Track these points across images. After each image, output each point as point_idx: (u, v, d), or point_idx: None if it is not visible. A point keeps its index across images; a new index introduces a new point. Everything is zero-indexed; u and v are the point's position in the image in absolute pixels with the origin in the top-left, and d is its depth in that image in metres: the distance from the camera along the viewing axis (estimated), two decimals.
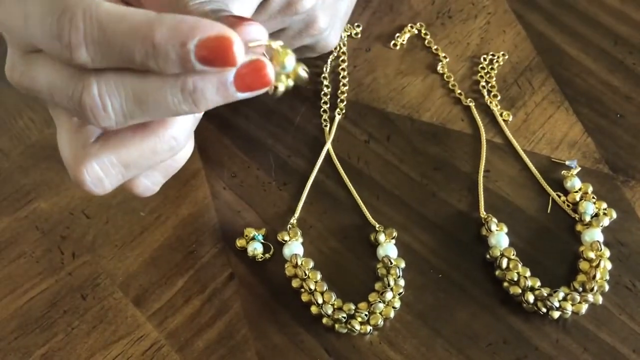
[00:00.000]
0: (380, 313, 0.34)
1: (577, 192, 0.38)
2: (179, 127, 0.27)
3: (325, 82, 0.43)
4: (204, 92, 0.23)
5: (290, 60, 0.23)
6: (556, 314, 0.34)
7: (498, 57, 0.44)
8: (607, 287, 0.35)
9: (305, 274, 0.35)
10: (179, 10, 0.24)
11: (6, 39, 0.27)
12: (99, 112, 0.24)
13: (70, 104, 0.24)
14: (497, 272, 0.35)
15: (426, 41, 0.45)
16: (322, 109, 0.42)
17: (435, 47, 0.44)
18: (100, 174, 0.26)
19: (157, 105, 0.24)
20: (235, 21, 0.23)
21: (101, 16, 0.22)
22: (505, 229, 0.37)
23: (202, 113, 0.27)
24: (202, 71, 0.22)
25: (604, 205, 0.37)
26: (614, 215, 0.37)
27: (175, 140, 0.26)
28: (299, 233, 0.37)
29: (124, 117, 0.24)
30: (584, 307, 0.34)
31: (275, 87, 0.24)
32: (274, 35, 0.35)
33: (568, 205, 0.38)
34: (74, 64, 0.23)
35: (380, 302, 0.35)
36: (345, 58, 0.44)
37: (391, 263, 0.36)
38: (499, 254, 0.35)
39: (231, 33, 0.21)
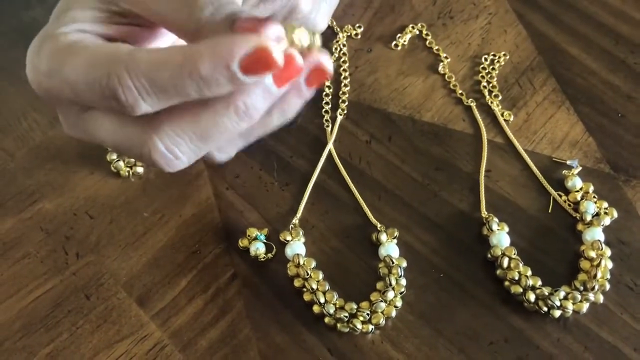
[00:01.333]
0: (382, 312, 0.34)
1: (578, 191, 0.38)
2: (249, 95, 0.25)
3: (327, 83, 0.43)
4: (255, 104, 0.24)
5: (302, 34, 0.24)
6: (557, 313, 0.34)
7: (499, 57, 0.44)
8: (608, 286, 0.35)
9: (308, 274, 0.36)
10: (194, 23, 0.24)
11: (54, 103, 0.28)
12: (171, 162, 0.26)
13: (141, 159, 0.26)
14: (498, 272, 0.36)
15: (427, 42, 0.45)
16: (324, 110, 0.42)
17: (437, 47, 0.45)
18: (176, 151, 0.26)
19: (219, 134, 0.25)
20: (255, 25, 0.23)
21: (145, 69, 0.23)
22: (507, 229, 0.37)
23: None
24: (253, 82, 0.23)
25: (605, 204, 0.37)
26: (615, 214, 0.37)
27: (247, 107, 0.25)
28: (301, 233, 0.37)
29: (195, 154, 0.26)
30: (585, 306, 0.34)
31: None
32: None
33: (569, 205, 0.38)
34: (136, 115, 0.24)
35: (382, 301, 0.35)
36: (347, 59, 0.44)
37: (393, 262, 0.36)
38: (500, 253, 0.36)
39: (264, 41, 0.22)
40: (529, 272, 0.35)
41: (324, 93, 0.43)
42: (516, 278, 0.35)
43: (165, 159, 0.25)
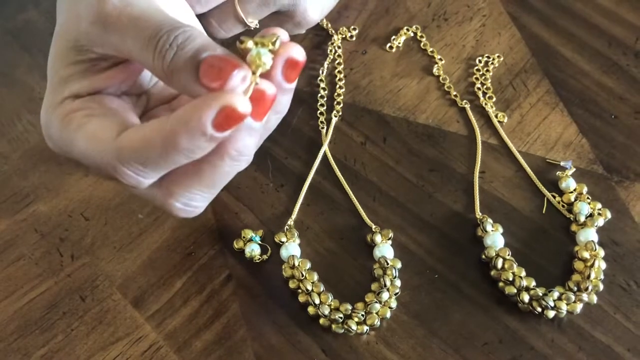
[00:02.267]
0: (377, 313, 0.35)
1: (572, 192, 0.38)
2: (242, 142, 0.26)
3: (322, 85, 0.43)
4: (245, 145, 0.26)
5: (264, 56, 0.24)
6: (551, 314, 0.34)
7: (493, 59, 0.44)
8: (601, 287, 0.35)
9: (303, 275, 0.36)
10: (159, 67, 0.25)
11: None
12: (191, 212, 0.29)
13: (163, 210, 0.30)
14: (492, 272, 0.36)
15: (422, 43, 0.45)
16: (319, 111, 0.42)
17: (431, 49, 0.45)
18: (192, 204, 0.29)
19: (225, 180, 0.27)
20: (219, 68, 0.24)
21: (134, 156, 0.25)
22: (501, 230, 0.37)
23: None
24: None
25: (599, 205, 0.38)
26: (609, 215, 0.37)
27: (239, 151, 0.26)
28: (296, 234, 0.37)
29: (208, 199, 0.29)
30: (578, 307, 0.34)
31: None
32: None
33: (563, 206, 0.38)
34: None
35: (376, 302, 0.35)
36: (342, 61, 0.45)
37: (387, 263, 0.36)
38: (494, 254, 0.36)
39: (228, 99, 0.23)
40: (523, 273, 0.35)
41: (319, 95, 0.43)
42: (510, 279, 0.35)
43: (185, 213, 0.29)
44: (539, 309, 0.34)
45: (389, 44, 0.45)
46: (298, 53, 0.25)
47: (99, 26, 0.27)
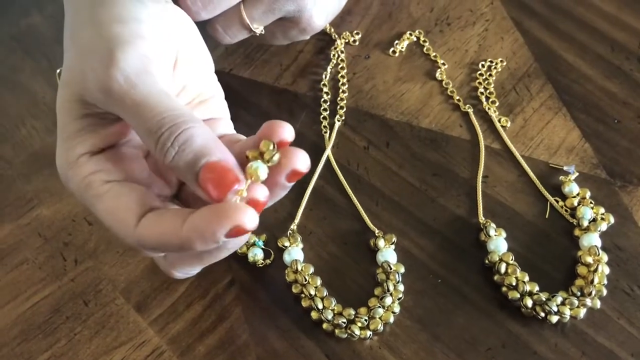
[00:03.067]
0: (380, 318, 0.35)
1: (575, 197, 0.38)
2: None
3: (325, 89, 0.44)
4: (242, 240, 0.29)
5: (260, 170, 0.26)
6: (554, 319, 0.34)
7: (496, 64, 0.44)
8: (605, 292, 0.35)
9: (306, 280, 0.36)
10: (160, 161, 0.27)
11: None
12: (187, 276, 0.33)
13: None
14: (495, 277, 0.36)
15: (425, 48, 0.45)
16: (322, 116, 0.43)
17: (434, 54, 0.45)
18: (190, 273, 0.33)
19: (220, 259, 0.31)
20: (217, 181, 0.25)
21: (155, 246, 0.27)
22: (504, 234, 0.37)
23: None
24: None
25: (602, 210, 0.37)
26: (612, 220, 0.37)
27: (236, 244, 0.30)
28: (299, 239, 0.37)
29: (202, 267, 0.33)
30: (582, 312, 0.34)
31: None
32: None
33: (566, 210, 0.38)
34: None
35: (379, 307, 0.35)
36: (345, 65, 0.45)
37: (390, 268, 0.36)
38: (497, 258, 0.36)
39: (241, 219, 0.25)
40: (527, 278, 0.35)
41: (322, 99, 0.43)
42: (513, 284, 0.35)
43: (182, 277, 0.33)
44: (542, 314, 0.34)
45: (391, 49, 0.45)
46: (302, 164, 0.27)
47: (105, 96, 0.27)
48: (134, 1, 0.30)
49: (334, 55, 0.45)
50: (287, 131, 0.27)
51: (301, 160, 0.27)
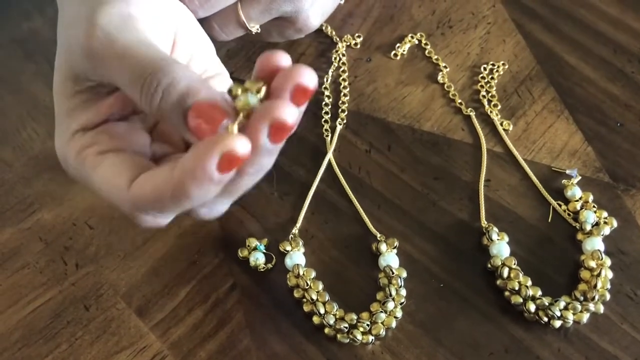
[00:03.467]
0: (382, 323, 0.34)
1: (577, 201, 0.38)
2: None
3: (327, 93, 0.43)
4: (262, 163, 0.26)
5: (252, 99, 0.24)
6: (557, 323, 0.34)
7: (498, 67, 0.44)
8: (608, 296, 0.35)
9: (307, 284, 0.36)
10: (146, 107, 0.26)
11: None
12: (214, 216, 0.30)
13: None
14: (498, 282, 0.35)
15: (426, 51, 0.45)
16: (324, 119, 0.42)
17: (436, 57, 0.45)
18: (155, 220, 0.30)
19: (245, 188, 0.28)
20: (205, 116, 0.24)
21: (147, 206, 0.26)
22: (506, 238, 0.37)
23: None
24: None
25: (605, 214, 0.37)
26: (615, 224, 0.37)
27: (260, 170, 0.27)
28: (300, 243, 0.37)
29: (228, 204, 0.30)
30: (585, 316, 0.34)
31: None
32: None
33: (569, 214, 0.38)
34: None
35: (382, 311, 0.35)
36: (346, 68, 0.44)
37: (393, 273, 0.36)
38: (500, 263, 0.36)
39: (230, 144, 0.22)
40: (529, 282, 0.35)
41: (324, 103, 0.43)
42: (516, 288, 0.35)
43: (209, 217, 0.30)
44: (545, 319, 0.34)
45: (393, 52, 0.45)
46: (290, 115, 0.23)
47: (89, 60, 0.27)
48: None
49: (335, 58, 0.45)
50: (283, 58, 0.25)
51: (288, 112, 0.23)
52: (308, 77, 0.24)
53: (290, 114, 0.23)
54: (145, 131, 0.31)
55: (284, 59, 0.25)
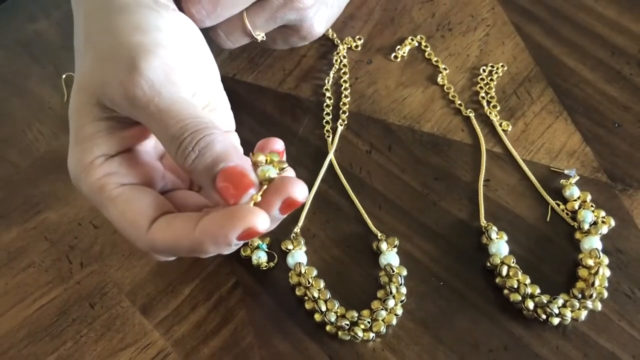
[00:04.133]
0: (383, 320, 0.35)
1: (575, 200, 0.38)
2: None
3: (328, 94, 0.44)
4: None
5: (272, 173, 0.27)
6: (556, 321, 0.34)
7: (497, 69, 0.44)
8: (606, 294, 0.35)
9: (309, 282, 0.36)
10: (179, 164, 0.27)
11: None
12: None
13: None
14: (497, 280, 0.36)
15: (426, 53, 0.46)
16: (325, 120, 0.43)
17: (436, 59, 0.45)
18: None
19: None
20: (232, 185, 0.26)
21: (165, 249, 0.28)
22: (505, 237, 0.37)
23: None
24: None
25: (603, 213, 0.38)
26: (613, 223, 0.37)
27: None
28: (302, 242, 0.38)
29: None
30: (583, 314, 0.35)
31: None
32: (258, 5, 0.37)
33: (567, 214, 0.38)
34: None
35: (382, 309, 0.35)
36: (347, 70, 0.45)
37: (393, 271, 0.36)
38: (499, 261, 0.36)
39: (251, 222, 0.25)
40: (528, 280, 0.36)
41: (325, 104, 0.44)
42: (515, 286, 0.35)
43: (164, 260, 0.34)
44: (544, 316, 0.34)
45: (393, 54, 0.46)
46: (300, 192, 0.27)
47: (127, 104, 0.28)
48: (150, 10, 0.31)
49: (336, 60, 0.45)
50: (277, 143, 0.29)
51: (298, 189, 0.27)
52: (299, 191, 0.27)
53: (301, 191, 0.27)
54: (159, 161, 0.33)
55: (278, 144, 0.29)
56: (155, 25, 0.30)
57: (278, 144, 0.30)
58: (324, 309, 0.35)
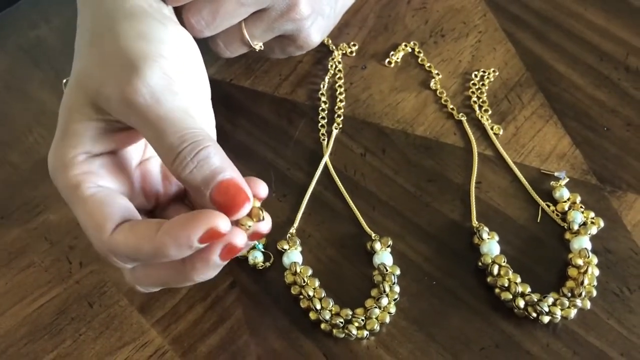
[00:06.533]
0: (377, 318, 0.36)
1: (565, 202, 0.39)
2: None
3: (323, 99, 0.45)
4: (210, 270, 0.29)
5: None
6: (546, 319, 0.35)
7: (489, 74, 0.45)
8: (595, 293, 0.36)
9: (304, 281, 0.37)
10: (174, 174, 0.28)
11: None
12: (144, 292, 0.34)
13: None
14: (488, 279, 0.37)
15: (419, 59, 0.47)
16: (320, 124, 0.44)
17: (429, 64, 0.46)
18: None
19: (185, 284, 0.32)
20: (228, 200, 0.27)
21: (126, 253, 0.28)
22: (497, 238, 0.38)
23: None
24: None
25: (592, 214, 0.39)
26: (602, 224, 0.38)
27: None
28: (298, 242, 0.39)
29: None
30: (572, 312, 0.35)
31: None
32: (256, 16, 0.37)
33: (557, 215, 0.39)
34: None
35: (376, 307, 0.36)
36: (342, 75, 0.46)
37: (387, 270, 0.37)
38: (490, 261, 0.37)
39: (215, 222, 0.26)
40: (519, 279, 0.36)
41: (320, 108, 0.44)
42: (506, 285, 0.36)
43: (144, 292, 0.34)
44: (534, 314, 0.35)
45: (387, 60, 0.47)
46: (240, 239, 0.28)
47: (124, 108, 0.28)
48: (157, 21, 0.31)
49: (331, 65, 0.46)
50: (261, 188, 0.30)
51: (239, 236, 0.28)
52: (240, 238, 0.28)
53: (240, 239, 0.28)
54: (137, 167, 0.33)
55: (261, 189, 0.30)
56: (160, 37, 0.31)
57: (261, 188, 0.30)
58: (318, 307, 0.36)
